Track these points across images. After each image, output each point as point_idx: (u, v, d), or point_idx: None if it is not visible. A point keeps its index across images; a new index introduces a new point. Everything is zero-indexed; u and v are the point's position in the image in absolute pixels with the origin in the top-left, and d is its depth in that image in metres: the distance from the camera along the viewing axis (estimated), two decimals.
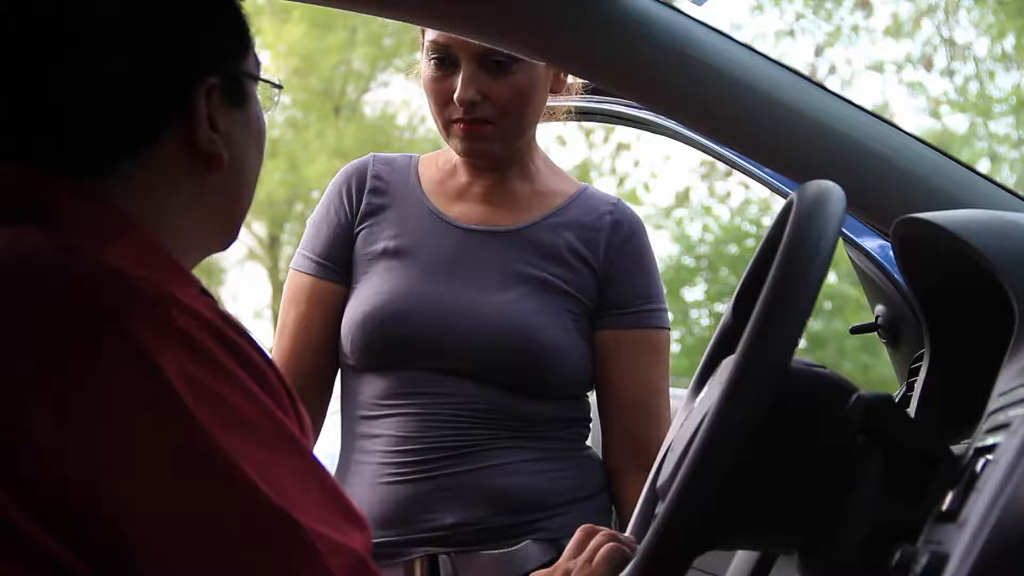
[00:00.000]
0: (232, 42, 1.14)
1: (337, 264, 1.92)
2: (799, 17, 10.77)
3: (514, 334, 1.80)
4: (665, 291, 1.93)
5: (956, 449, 1.04)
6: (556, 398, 1.86)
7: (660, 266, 1.97)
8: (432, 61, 1.84)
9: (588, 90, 2.16)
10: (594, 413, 1.94)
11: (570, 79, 1.94)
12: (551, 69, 1.86)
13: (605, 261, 1.87)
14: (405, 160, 1.98)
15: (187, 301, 0.99)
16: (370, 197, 1.93)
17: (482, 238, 1.88)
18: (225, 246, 1.20)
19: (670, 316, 1.92)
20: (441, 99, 1.84)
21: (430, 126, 12.46)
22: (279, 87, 1.21)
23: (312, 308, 1.92)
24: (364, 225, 1.92)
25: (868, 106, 1.68)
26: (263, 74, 1.18)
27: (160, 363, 0.94)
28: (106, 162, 1.07)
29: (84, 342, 0.95)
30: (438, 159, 1.97)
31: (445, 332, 1.82)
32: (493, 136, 1.85)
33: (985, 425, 0.99)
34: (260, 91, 1.18)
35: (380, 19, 1.91)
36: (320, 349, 1.91)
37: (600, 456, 1.93)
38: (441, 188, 1.93)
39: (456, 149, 1.88)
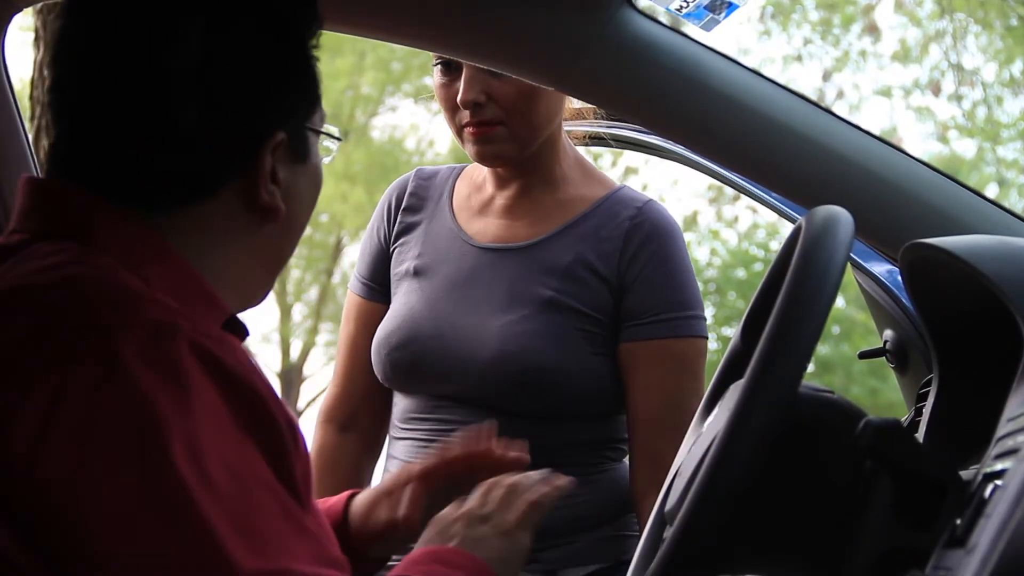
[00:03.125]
0: (304, 99, 1.14)
1: (378, 284, 1.92)
2: (807, 42, 10.78)
3: (510, 359, 1.75)
4: (697, 297, 1.82)
5: (965, 474, 1.03)
6: (569, 420, 1.80)
7: None
8: (438, 67, 1.82)
9: (597, 115, 2.17)
10: None
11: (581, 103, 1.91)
12: None
13: (619, 271, 1.79)
14: (447, 172, 1.95)
15: (196, 334, 0.98)
16: (404, 215, 1.92)
17: (495, 256, 1.84)
18: (263, 297, 1.20)
19: (703, 326, 1.83)
20: (450, 104, 1.81)
21: (438, 150, 12.49)
22: (339, 139, 1.21)
23: (359, 328, 1.93)
24: (397, 244, 1.91)
25: (876, 131, 1.68)
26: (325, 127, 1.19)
27: (143, 390, 0.93)
28: (163, 203, 1.07)
29: (72, 357, 0.94)
30: (474, 172, 1.93)
31: (444, 359, 1.79)
32: (504, 137, 1.80)
33: (994, 450, 0.99)
34: (330, 144, 1.19)
35: (388, 44, 1.92)
36: (370, 369, 1.89)
37: None
38: (467, 203, 1.90)
39: (471, 155, 1.84)
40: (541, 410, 1.78)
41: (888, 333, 1.83)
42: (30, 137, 2.01)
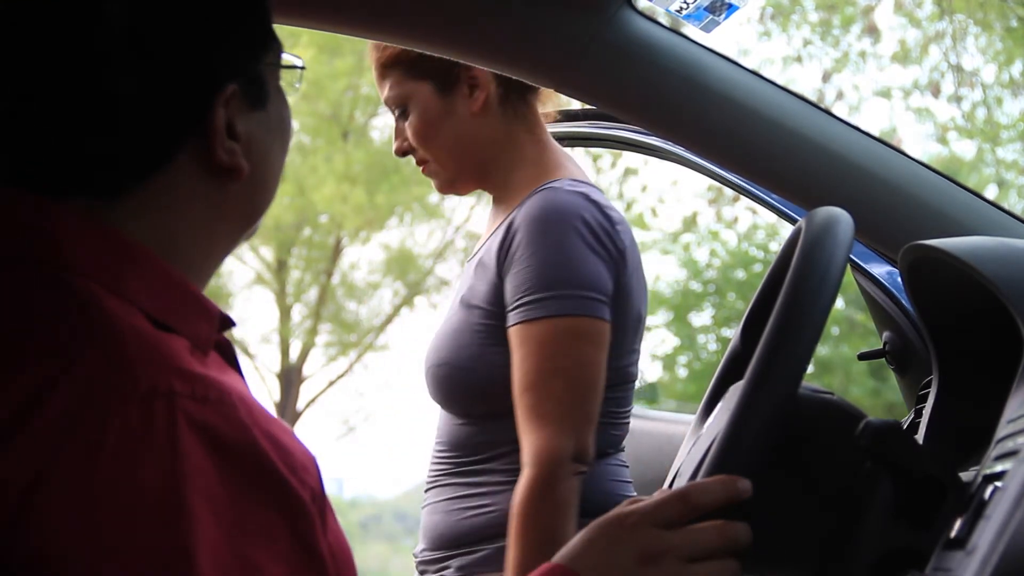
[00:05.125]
0: (255, 40, 1.04)
1: None
2: (806, 43, 10.79)
3: (434, 361, 1.83)
4: (564, 276, 1.73)
5: (965, 476, 1.03)
6: (479, 418, 1.82)
7: (667, 291, 1.93)
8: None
9: (596, 116, 2.17)
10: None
11: (546, 101, 1.91)
12: (444, 93, 1.85)
13: (499, 262, 1.79)
14: None
15: (194, 402, 0.88)
16: None
17: (469, 270, 1.88)
18: (247, 239, 1.10)
19: (570, 304, 1.72)
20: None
21: None
22: (303, 68, 1.11)
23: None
24: None
25: (875, 132, 1.68)
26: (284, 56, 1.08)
27: (137, 482, 0.84)
28: (113, 187, 0.97)
29: (64, 436, 0.85)
30: None
31: (424, 371, 1.88)
32: (435, 171, 1.90)
33: (994, 452, 0.99)
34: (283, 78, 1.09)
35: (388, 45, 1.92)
36: None
37: None
38: (487, 223, 1.99)
39: None
40: (467, 409, 1.82)
41: (888, 334, 1.83)
42: None
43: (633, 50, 1.61)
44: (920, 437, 1.31)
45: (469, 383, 1.79)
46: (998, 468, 0.95)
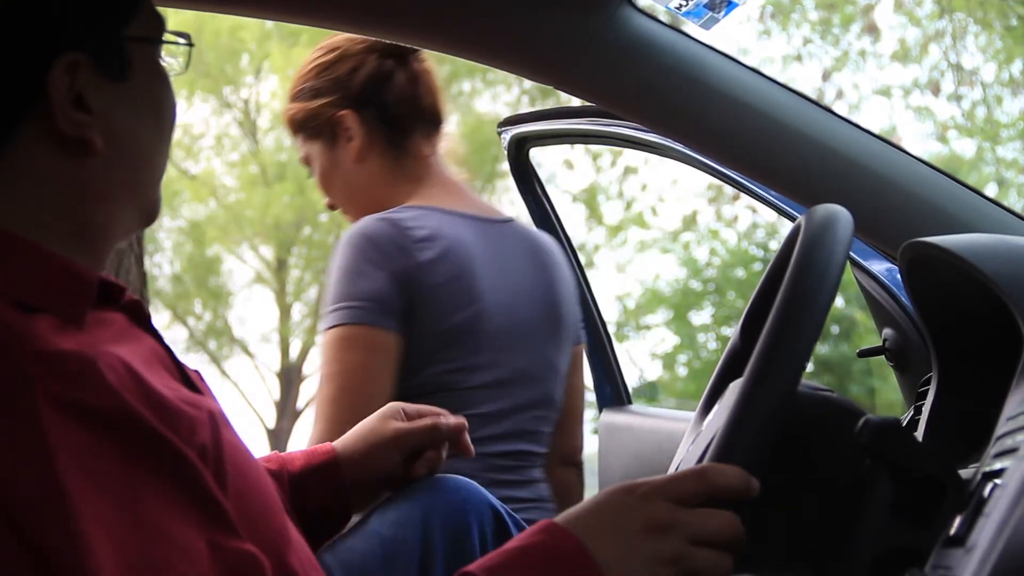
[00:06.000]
0: (103, 8, 1.00)
1: None
2: (806, 42, 10.79)
3: None
4: (339, 291, 1.87)
5: (964, 473, 1.03)
6: None
7: (667, 289, 1.95)
8: None
9: (596, 113, 2.17)
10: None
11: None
12: (331, 148, 2.02)
13: None
14: None
15: (52, 380, 0.87)
16: None
17: None
18: (142, 224, 1.07)
19: (340, 315, 1.86)
20: None
21: None
22: (187, 42, 1.07)
23: None
24: None
25: (875, 131, 1.68)
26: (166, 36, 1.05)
27: (5, 471, 0.84)
28: None
29: None
30: None
31: None
32: (344, 213, 2.08)
33: (993, 449, 0.99)
34: (166, 54, 1.06)
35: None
36: None
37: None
38: None
39: None
40: None
41: (887, 332, 1.83)
42: None
43: (633, 48, 1.60)
44: (920, 435, 1.31)
45: None
46: (997, 465, 0.95)
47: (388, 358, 1.85)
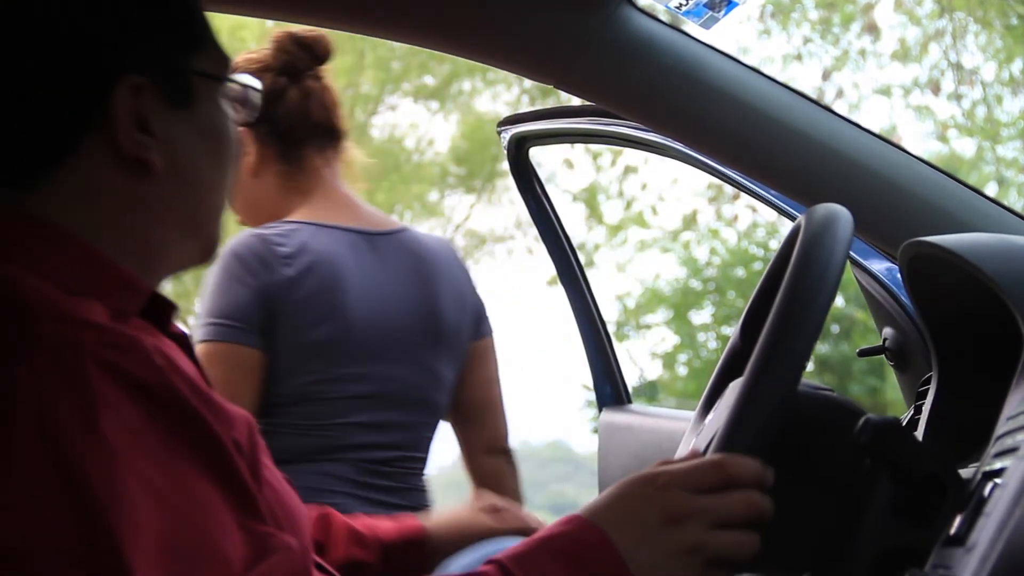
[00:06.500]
0: (174, 38, 1.05)
1: None
2: (807, 41, 10.78)
3: None
4: (207, 307, 1.98)
5: (964, 473, 1.03)
6: None
7: (667, 288, 1.96)
8: None
9: (596, 112, 2.17)
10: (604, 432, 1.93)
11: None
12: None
13: None
14: None
15: (101, 347, 0.90)
16: None
17: None
18: (200, 258, 1.11)
19: (205, 331, 1.95)
20: None
21: (438, 148, 12.50)
22: (254, 88, 1.12)
23: None
24: None
25: (876, 130, 1.68)
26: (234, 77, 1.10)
27: (51, 426, 0.86)
28: (22, 176, 1.00)
29: None
30: None
31: None
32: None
33: (993, 449, 0.99)
34: (235, 95, 1.11)
35: (388, 43, 1.93)
36: None
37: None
38: None
39: None
40: None
41: (888, 331, 1.83)
42: None
43: (633, 47, 1.60)
44: (920, 434, 1.31)
45: None
46: (997, 465, 0.95)
47: (249, 374, 1.94)
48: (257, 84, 1.14)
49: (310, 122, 2.10)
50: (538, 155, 2.58)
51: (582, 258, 2.57)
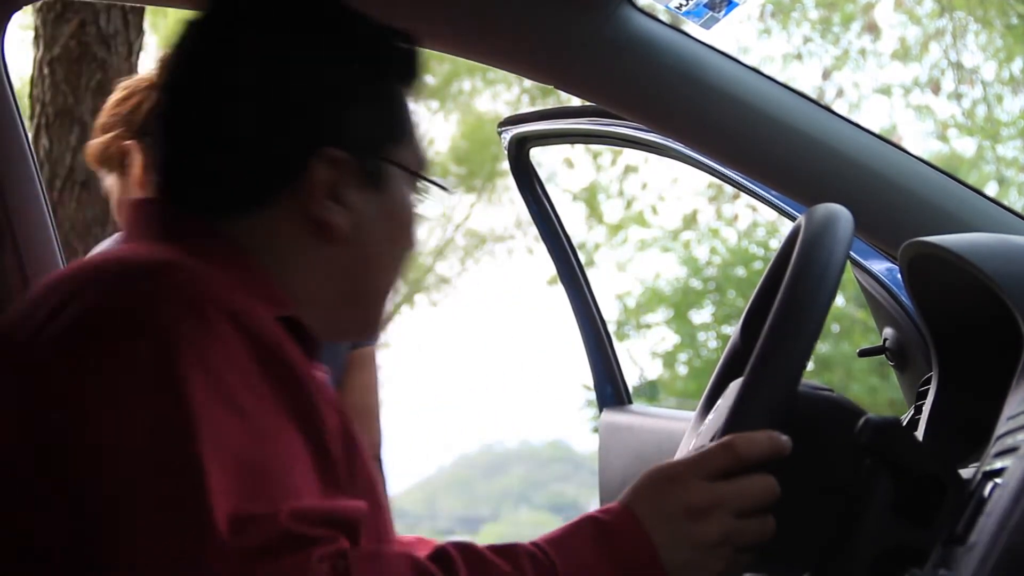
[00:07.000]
0: (381, 127, 1.15)
1: None
2: (807, 41, 10.78)
3: None
4: None
5: (964, 472, 1.03)
6: None
7: (667, 288, 1.96)
8: None
9: (596, 112, 2.17)
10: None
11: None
12: (123, 178, 2.09)
13: None
14: None
15: (229, 301, 0.99)
16: None
17: None
18: (356, 333, 1.24)
19: None
20: None
21: (438, 148, 12.46)
22: (445, 189, 1.21)
23: None
24: None
25: (876, 129, 1.68)
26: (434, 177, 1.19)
27: (168, 336, 0.94)
28: (227, 207, 1.11)
29: (116, 334, 0.96)
30: None
31: None
32: None
33: (993, 448, 0.99)
34: (429, 192, 1.20)
35: None
36: None
37: None
38: None
39: None
40: None
41: (888, 331, 1.83)
42: (30, 136, 2.01)
43: (633, 47, 1.60)
44: (920, 434, 1.31)
45: None
46: (998, 465, 0.95)
47: None
48: (448, 184, 1.21)
49: None
50: (538, 155, 2.58)
51: (582, 258, 2.57)
